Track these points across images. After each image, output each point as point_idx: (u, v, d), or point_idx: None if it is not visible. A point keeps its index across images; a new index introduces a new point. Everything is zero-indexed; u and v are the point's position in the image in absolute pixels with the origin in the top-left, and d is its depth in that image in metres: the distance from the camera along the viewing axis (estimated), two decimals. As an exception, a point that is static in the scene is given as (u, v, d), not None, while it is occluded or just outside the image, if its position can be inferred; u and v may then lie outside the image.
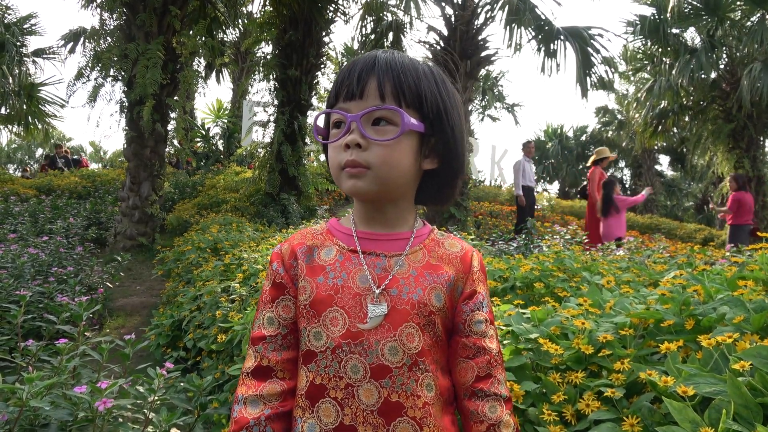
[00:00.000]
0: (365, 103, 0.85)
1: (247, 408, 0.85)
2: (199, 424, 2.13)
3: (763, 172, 11.33)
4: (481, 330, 0.90)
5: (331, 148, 0.89)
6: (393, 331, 0.84)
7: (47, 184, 11.07)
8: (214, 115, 18.53)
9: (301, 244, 0.93)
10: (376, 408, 0.81)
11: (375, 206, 0.92)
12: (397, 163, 0.86)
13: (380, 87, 0.85)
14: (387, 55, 0.89)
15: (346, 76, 0.88)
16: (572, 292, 2.36)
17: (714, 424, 0.99)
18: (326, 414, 0.82)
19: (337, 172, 0.88)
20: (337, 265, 0.89)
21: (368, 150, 0.84)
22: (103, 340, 2.00)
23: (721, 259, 3.05)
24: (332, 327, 0.85)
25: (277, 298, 0.91)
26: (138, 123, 7.72)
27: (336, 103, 0.89)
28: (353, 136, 0.85)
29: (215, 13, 9.20)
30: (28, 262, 4.62)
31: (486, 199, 14.48)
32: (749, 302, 1.42)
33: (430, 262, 0.90)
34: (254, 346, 0.90)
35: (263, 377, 0.88)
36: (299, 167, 9.02)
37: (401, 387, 0.82)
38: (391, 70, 0.86)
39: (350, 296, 0.86)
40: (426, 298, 0.86)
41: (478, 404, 0.87)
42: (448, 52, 8.50)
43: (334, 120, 0.89)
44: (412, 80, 0.87)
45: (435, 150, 0.91)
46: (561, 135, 28.56)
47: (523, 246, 5.47)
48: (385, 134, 0.85)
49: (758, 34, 9.98)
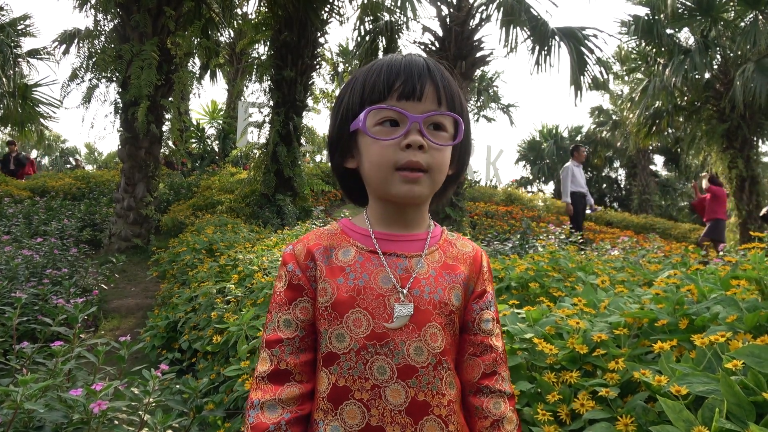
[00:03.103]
0: (423, 106, 0.86)
1: (265, 413, 0.84)
2: (194, 426, 2.13)
3: (756, 172, 11.38)
4: (489, 328, 0.92)
5: (381, 146, 0.85)
6: (417, 331, 0.84)
7: (41, 186, 11.02)
8: (209, 116, 18.48)
9: (318, 245, 0.91)
10: (403, 408, 0.81)
11: (400, 208, 0.91)
12: (446, 168, 0.89)
13: (437, 92, 0.86)
14: (431, 61, 0.90)
15: (400, 73, 0.86)
16: (567, 291, 2.37)
17: (707, 423, 1.00)
18: (351, 416, 0.82)
19: (389, 172, 0.85)
20: (357, 266, 0.88)
21: (428, 153, 0.85)
22: (98, 342, 2.00)
23: (715, 259, 3.06)
24: (356, 328, 0.84)
25: (293, 300, 0.89)
26: (132, 124, 7.70)
27: (386, 99, 0.86)
28: (417, 137, 0.84)
29: (210, 13, 9.19)
30: (23, 264, 4.60)
31: (481, 199, 14.49)
32: (742, 302, 1.43)
33: (447, 262, 0.92)
34: (269, 349, 0.87)
35: (281, 381, 0.86)
36: (295, 168, 9.01)
37: (427, 386, 0.83)
38: (444, 78, 0.88)
39: (373, 297, 0.85)
40: (446, 298, 0.88)
41: (483, 400, 0.88)
42: (443, 53, 8.51)
43: (387, 117, 0.86)
44: (457, 90, 0.90)
45: (456, 157, 0.94)
46: (556, 135, 28.62)
47: (518, 246, 5.48)
48: (442, 139, 0.87)
49: (751, 35, 10.03)
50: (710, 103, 11.68)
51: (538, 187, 28.72)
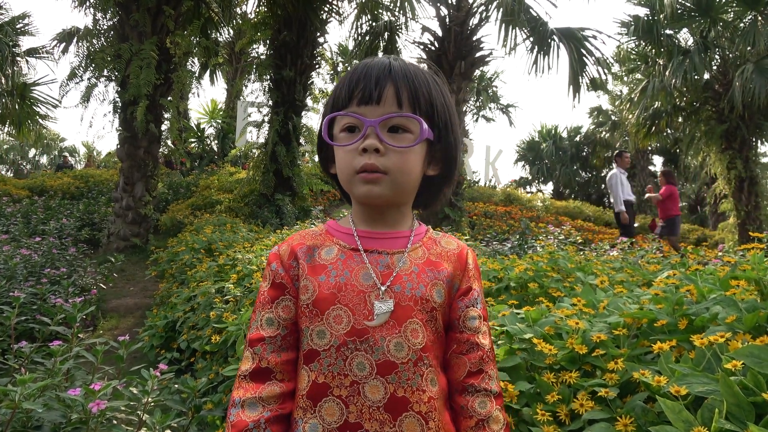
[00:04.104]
0: (382, 109, 0.86)
1: (246, 411, 0.84)
2: (193, 425, 2.13)
3: (755, 172, 11.38)
4: (475, 326, 0.91)
5: (344, 151, 0.88)
6: (398, 327, 0.84)
7: (40, 185, 11.00)
8: (208, 115, 18.48)
9: (301, 245, 0.93)
10: (382, 404, 0.81)
11: (378, 209, 0.92)
12: (411, 169, 0.88)
13: (398, 94, 0.86)
14: (399, 62, 0.90)
15: (360, 79, 0.87)
16: (566, 292, 2.37)
17: (707, 423, 1.00)
18: (329, 413, 0.82)
19: (351, 176, 0.87)
20: (339, 263, 0.89)
21: (385, 156, 0.85)
22: (97, 341, 1.99)
23: (714, 259, 3.07)
24: (336, 325, 0.84)
25: (276, 299, 0.90)
26: (131, 123, 7.70)
27: (348, 105, 0.88)
28: (372, 140, 0.85)
29: (209, 13, 9.19)
30: (21, 263, 4.59)
31: (480, 199, 14.49)
32: (741, 302, 1.43)
33: (430, 258, 0.91)
34: (252, 347, 0.88)
35: (262, 379, 0.86)
36: (294, 168, 9.00)
37: (407, 382, 0.82)
38: (407, 78, 0.88)
39: (354, 294, 0.86)
40: (428, 294, 0.87)
41: (469, 399, 0.88)
42: (442, 53, 8.51)
43: (347, 123, 0.88)
44: (425, 89, 0.89)
45: (439, 157, 0.93)
46: (555, 135, 28.63)
47: (517, 246, 5.49)
48: (403, 141, 0.86)
49: (750, 36, 10.03)
50: (709, 103, 11.69)
51: (537, 188, 28.74)
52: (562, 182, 27.82)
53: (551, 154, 27.82)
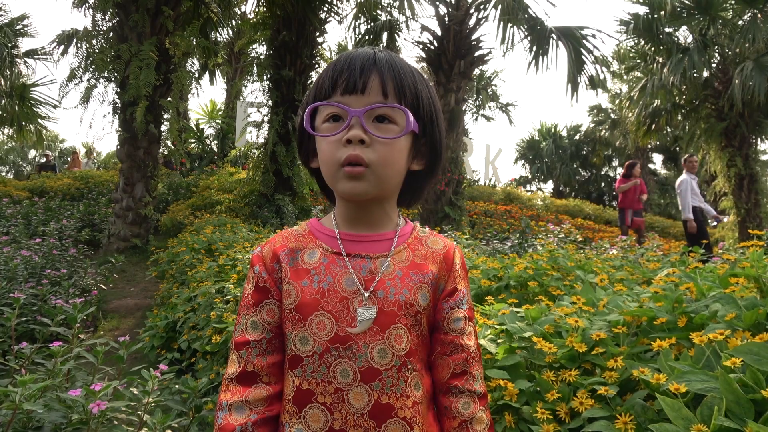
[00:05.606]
0: (367, 99, 0.83)
1: (233, 414, 0.84)
2: (194, 426, 2.13)
3: (755, 170, 11.38)
4: (460, 327, 0.90)
5: (327, 143, 0.85)
6: (381, 333, 0.83)
7: (40, 186, 11.01)
8: (207, 115, 18.48)
9: (284, 247, 0.91)
10: (366, 411, 0.81)
11: (361, 206, 0.89)
12: (394, 162, 0.85)
13: (383, 84, 0.84)
14: (385, 53, 0.88)
15: (344, 69, 0.84)
16: (566, 290, 2.37)
17: (706, 421, 1.00)
18: (314, 419, 0.82)
19: (334, 169, 0.84)
20: (321, 268, 0.87)
21: (370, 147, 0.82)
22: (97, 342, 2.00)
23: (714, 257, 3.07)
24: (319, 331, 0.83)
25: (260, 302, 0.89)
26: (131, 124, 7.70)
27: (331, 95, 0.85)
28: (357, 131, 0.82)
29: (208, 13, 9.19)
30: (21, 265, 4.59)
31: (480, 198, 14.51)
32: (741, 299, 1.43)
33: (414, 261, 0.90)
34: (237, 351, 0.88)
35: (248, 383, 0.86)
36: (294, 168, 9.00)
37: (391, 389, 0.82)
38: (392, 69, 0.85)
39: (337, 300, 0.84)
40: (412, 299, 0.86)
41: (453, 400, 0.88)
42: (442, 52, 8.51)
43: (331, 113, 0.85)
44: (411, 81, 0.87)
45: (423, 152, 0.91)
46: (555, 134, 28.64)
47: (517, 245, 5.49)
48: (388, 132, 0.83)
49: (750, 33, 10.03)
50: (709, 101, 11.68)
51: (537, 186, 28.76)
52: (562, 181, 27.85)
53: (551, 152, 27.84)
